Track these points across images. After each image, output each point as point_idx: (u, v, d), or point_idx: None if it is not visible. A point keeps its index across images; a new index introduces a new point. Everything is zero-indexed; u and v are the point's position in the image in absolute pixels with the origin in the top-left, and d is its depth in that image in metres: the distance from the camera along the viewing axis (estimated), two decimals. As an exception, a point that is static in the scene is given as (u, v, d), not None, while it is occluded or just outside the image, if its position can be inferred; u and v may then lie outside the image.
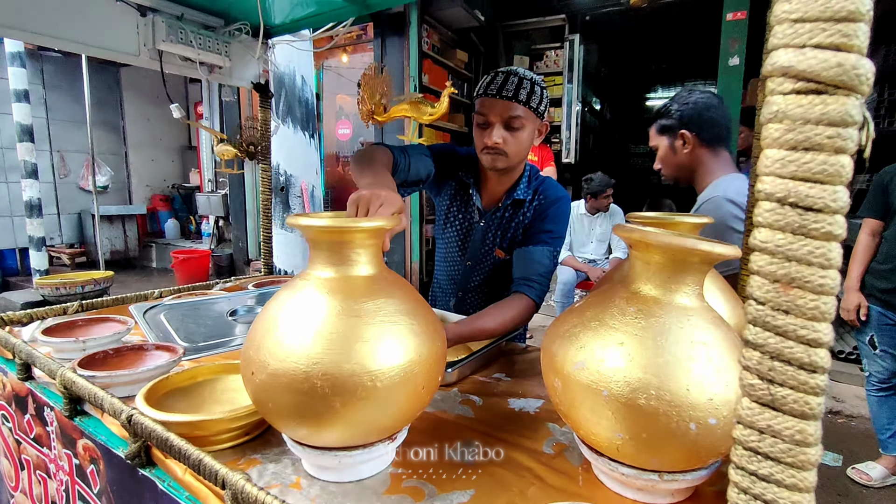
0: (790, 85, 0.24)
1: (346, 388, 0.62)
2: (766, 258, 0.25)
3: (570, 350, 0.69)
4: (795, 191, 0.24)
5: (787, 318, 0.24)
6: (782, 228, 0.24)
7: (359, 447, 0.70)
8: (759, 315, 0.26)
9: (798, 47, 0.23)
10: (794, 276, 0.24)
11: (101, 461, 0.87)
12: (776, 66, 0.24)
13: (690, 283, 0.68)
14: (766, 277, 0.25)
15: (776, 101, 0.24)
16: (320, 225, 0.68)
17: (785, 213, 0.24)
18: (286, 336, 0.65)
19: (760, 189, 0.25)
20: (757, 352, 0.26)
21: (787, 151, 0.24)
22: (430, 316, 0.74)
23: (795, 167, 0.24)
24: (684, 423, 0.60)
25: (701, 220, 0.96)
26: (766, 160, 0.25)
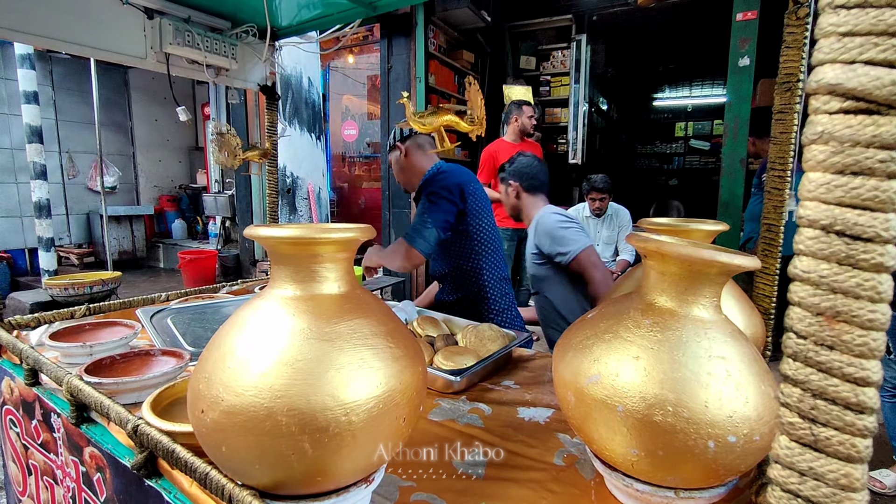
0: (837, 104, 0.22)
1: (316, 424, 0.53)
2: (808, 289, 0.23)
3: (584, 363, 0.67)
4: (842, 218, 0.22)
5: (832, 355, 0.23)
6: (827, 258, 0.23)
7: (330, 493, 0.60)
8: (801, 350, 0.24)
9: (847, 63, 0.22)
10: (840, 310, 0.22)
11: (107, 470, 0.86)
12: (822, 83, 0.22)
13: (707, 295, 0.66)
14: (809, 310, 0.23)
15: (821, 121, 0.23)
16: (283, 236, 0.59)
17: (830, 242, 0.23)
18: (244, 365, 0.55)
19: (803, 215, 0.24)
20: (798, 388, 0.24)
21: (834, 175, 0.22)
22: (409, 338, 0.67)
23: (842, 192, 0.22)
24: (702, 441, 0.58)
25: (717, 226, 0.94)
26: (809, 184, 0.23)
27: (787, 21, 0.92)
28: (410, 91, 4.52)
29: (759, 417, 0.59)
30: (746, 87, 3.07)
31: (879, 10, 0.21)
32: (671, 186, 9.33)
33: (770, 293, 1.02)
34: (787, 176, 0.95)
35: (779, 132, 0.96)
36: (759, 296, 1.04)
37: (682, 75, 9.22)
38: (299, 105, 3.67)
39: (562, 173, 5.96)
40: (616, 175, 3.58)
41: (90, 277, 4.22)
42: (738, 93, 3.08)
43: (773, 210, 0.98)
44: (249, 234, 0.62)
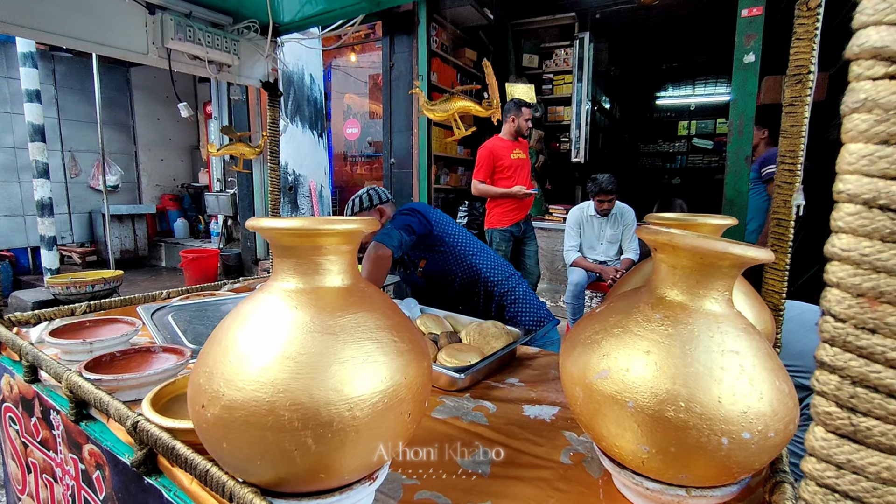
0: (882, 68, 0.20)
1: (319, 419, 0.52)
2: (848, 269, 0.22)
3: (593, 358, 0.65)
4: (887, 191, 0.21)
5: (874, 338, 0.21)
6: (869, 235, 0.21)
7: (333, 491, 0.59)
8: (839, 334, 0.22)
9: (892, 24, 0.20)
10: (884, 290, 0.21)
11: (106, 467, 0.85)
12: (866, 46, 0.21)
13: (719, 289, 0.64)
14: (848, 291, 0.22)
15: (864, 88, 0.21)
16: (286, 227, 0.58)
17: (873, 217, 0.21)
18: (245, 359, 0.54)
19: (842, 189, 0.22)
20: (835, 375, 0.22)
21: (878, 146, 0.21)
22: (415, 332, 0.66)
23: (887, 164, 0.20)
24: (716, 438, 0.56)
25: (725, 221, 0.92)
26: (850, 156, 0.22)
27: (798, 12, 0.91)
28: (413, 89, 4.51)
29: (773, 413, 0.57)
30: (752, 83, 3.05)
31: (930, -36, 0.19)
32: (674, 185, 9.29)
33: (780, 289, 1.00)
34: (798, 170, 0.93)
35: (789, 125, 0.94)
36: (768, 291, 1.02)
37: (686, 74, 9.18)
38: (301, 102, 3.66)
39: (564, 172, 5.95)
40: (619, 174, 3.56)
41: (92, 276, 4.23)
42: (743, 90, 3.06)
43: (782, 204, 0.96)
44: (252, 226, 0.60)
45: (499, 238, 3.62)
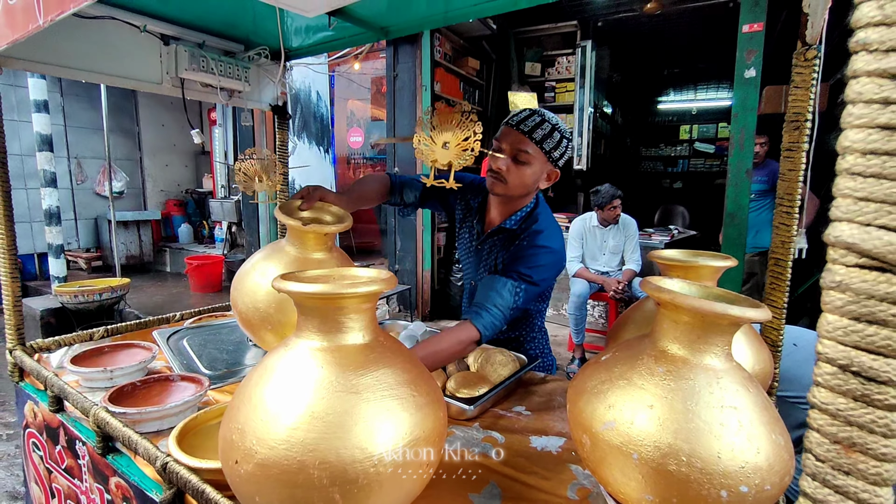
0: (853, 259, 0.24)
1: (346, 476, 0.55)
2: (826, 418, 0.26)
3: (599, 408, 0.69)
4: (858, 360, 0.24)
5: (848, 480, 0.25)
6: (844, 394, 0.25)
7: None
8: (819, 471, 0.26)
9: (862, 225, 0.24)
10: (856, 441, 0.25)
11: (133, 501, 0.89)
12: (840, 239, 0.24)
13: (719, 344, 0.68)
14: (827, 437, 0.26)
15: (839, 272, 0.25)
16: (310, 292, 0.61)
17: (847, 380, 0.25)
18: (276, 418, 0.57)
19: (822, 352, 0.26)
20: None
21: (850, 321, 0.25)
22: (431, 383, 0.70)
23: (858, 338, 0.24)
24: (715, 491, 0.60)
25: (725, 262, 0.96)
26: (828, 325, 0.26)
27: (796, 62, 0.94)
28: (417, 99, 4.54)
29: (770, 467, 0.61)
30: (752, 98, 3.08)
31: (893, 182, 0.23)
32: (676, 189, 9.32)
33: (778, 326, 1.03)
34: (795, 213, 0.97)
35: (787, 169, 0.97)
36: (767, 328, 1.05)
37: (687, 79, 9.21)
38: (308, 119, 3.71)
39: (567, 179, 5.98)
40: (621, 179, 3.60)
41: (100, 284, 4.27)
42: (744, 104, 3.09)
43: (780, 245, 1.00)
44: (279, 288, 0.64)
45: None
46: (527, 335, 1.51)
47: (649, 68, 8.63)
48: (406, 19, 1.54)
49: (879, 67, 0.22)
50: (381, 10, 1.48)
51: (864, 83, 0.23)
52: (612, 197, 3.43)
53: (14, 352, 1.29)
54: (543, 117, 1.27)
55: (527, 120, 1.26)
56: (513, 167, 1.27)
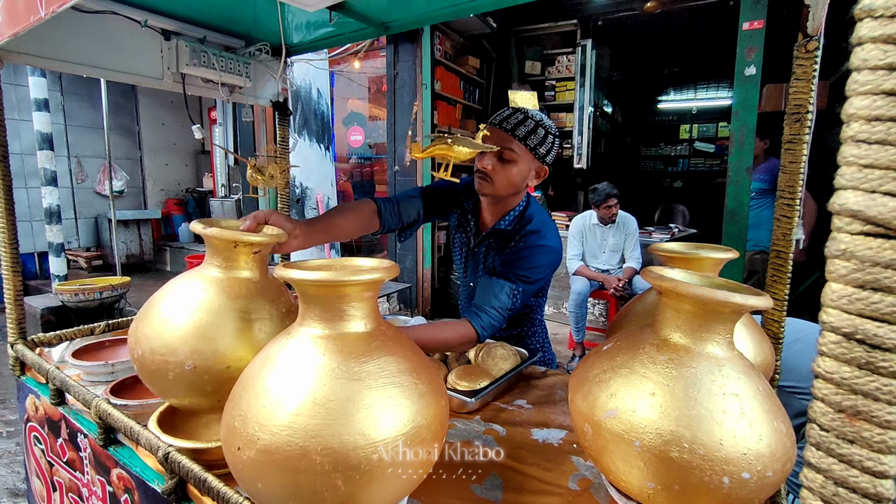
0: (858, 227, 0.24)
1: (348, 462, 0.56)
2: (831, 388, 0.26)
3: (601, 397, 0.69)
4: (863, 328, 0.24)
5: (853, 448, 0.25)
6: (848, 362, 0.25)
7: None
8: (823, 441, 0.26)
9: (867, 192, 0.24)
10: (861, 410, 0.25)
11: (135, 492, 0.89)
12: (844, 207, 0.25)
13: (721, 332, 0.68)
14: (831, 406, 0.26)
15: (843, 240, 0.25)
16: (313, 279, 0.62)
17: (851, 348, 0.25)
18: (278, 405, 0.58)
19: (826, 321, 0.26)
20: (820, 475, 0.26)
21: (855, 289, 0.25)
22: (433, 371, 0.70)
23: (863, 305, 0.24)
24: (717, 477, 0.60)
25: (726, 254, 0.96)
26: (832, 294, 0.26)
27: (797, 54, 0.94)
28: (417, 97, 4.54)
29: (772, 454, 0.61)
30: (753, 95, 3.08)
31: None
32: (676, 188, 9.33)
33: (780, 318, 1.04)
34: (797, 205, 0.97)
35: (788, 161, 0.97)
36: (768, 320, 1.06)
37: (687, 78, 9.22)
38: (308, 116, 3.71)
39: (567, 178, 5.98)
40: (621, 178, 3.60)
41: (100, 283, 4.27)
42: (744, 102, 3.09)
43: (781, 237, 1.00)
44: (280, 276, 0.64)
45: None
46: (528, 330, 1.51)
47: (649, 67, 8.63)
48: (406, 15, 1.54)
49: (885, 33, 0.22)
50: (382, 5, 1.48)
51: (869, 49, 0.23)
52: (608, 196, 3.43)
53: (16, 346, 1.29)
54: (526, 114, 1.27)
55: (510, 118, 1.26)
56: (498, 166, 1.26)
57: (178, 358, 0.76)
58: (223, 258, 0.84)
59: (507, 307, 1.24)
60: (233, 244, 0.82)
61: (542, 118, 1.29)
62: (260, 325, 0.81)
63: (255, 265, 0.86)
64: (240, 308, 0.80)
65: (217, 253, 0.84)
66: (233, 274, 0.84)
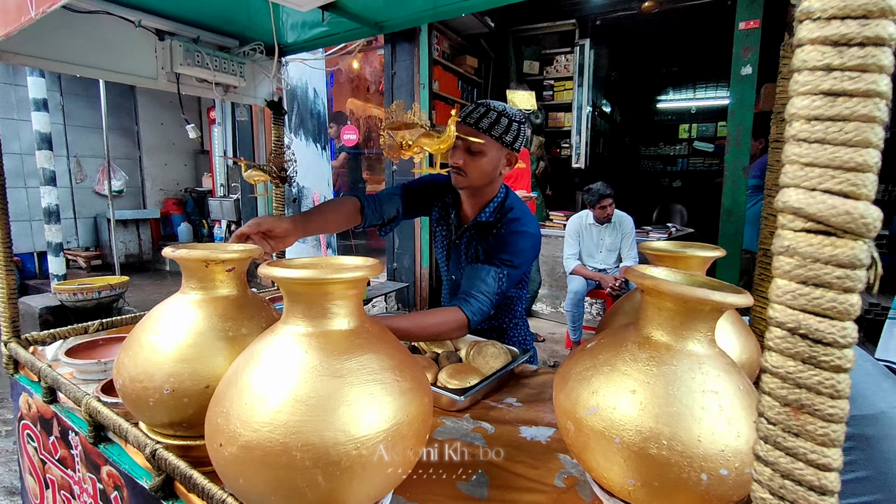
0: (800, 224, 0.25)
1: (329, 458, 0.56)
2: (776, 381, 0.26)
3: (583, 394, 0.70)
4: (805, 323, 0.25)
5: (798, 441, 0.25)
6: (792, 356, 0.25)
7: None
8: (771, 434, 0.27)
9: (808, 189, 0.24)
10: (804, 403, 0.25)
11: (124, 489, 0.89)
12: (787, 204, 0.25)
13: (702, 330, 0.68)
14: (777, 400, 0.26)
15: (787, 237, 0.25)
16: (296, 277, 0.62)
17: (795, 343, 0.25)
18: (259, 401, 0.58)
19: (772, 316, 0.26)
20: (768, 468, 0.27)
21: (798, 285, 0.25)
22: (416, 368, 0.70)
23: (805, 301, 0.25)
24: (696, 474, 0.60)
25: (713, 253, 0.96)
26: (777, 290, 0.26)
27: (783, 52, 0.95)
28: (415, 97, 4.55)
29: (749, 451, 0.61)
30: (749, 95, 3.08)
31: (835, 147, 0.23)
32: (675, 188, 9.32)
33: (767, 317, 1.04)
34: (783, 204, 0.97)
35: (775, 160, 0.98)
36: (756, 318, 1.06)
37: (686, 77, 9.21)
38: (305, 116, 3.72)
39: (565, 177, 5.99)
40: (619, 178, 3.61)
41: (98, 282, 4.28)
42: (741, 101, 3.10)
43: (769, 235, 1.00)
44: (264, 274, 0.65)
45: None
46: (509, 322, 1.54)
47: (648, 67, 8.64)
48: (400, 14, 1.55)
49: (822, 35, 0.23)
50: (375, 4, 1.49)
51: (808, 51, 0.24)
52: (602, 196, 3.43)
53: (9, 344, 1.30)
54: (488, 107, 1.33)
55: (472, 113, 1.33)
56: (469, 159, 1.33)
57: (156, 383, 0.76)
58: (198, 279, 0.84)
59: (494, 291, 1.28)
60: (204, 264, 0.82)
61: (505, 108, 1.34)
62: (240, 342, 0.80)
63: (232, 282, 0.86)
64: (216, 327, 0.80)
65: (191, 275, 0.84)
66: (209, 294, 0.84)
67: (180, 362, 0.77)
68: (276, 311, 0.90)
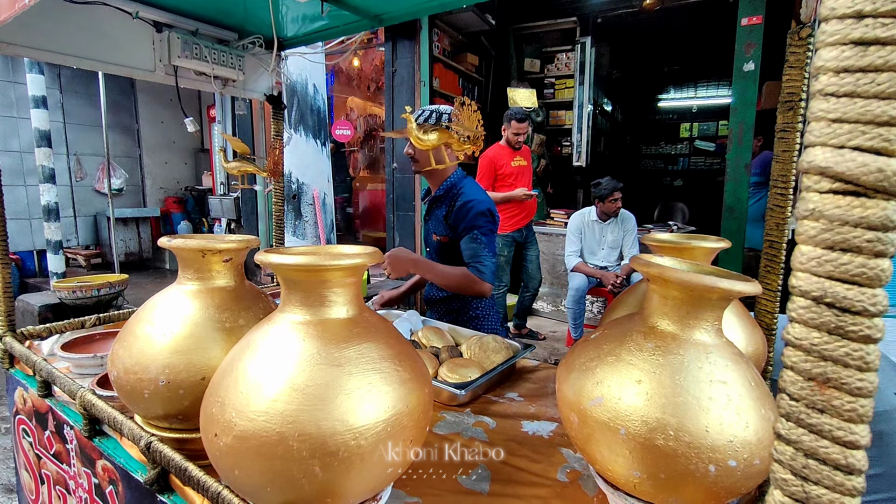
0: (827, 184, 0.23)
1: (326, 449, 0.54)
2: (800, 355, 0.24)
3: (587, 385, 0.68)
4: (832, 291, 0.23)
5: (823, 418, 0.24)
6: (818, 327, 0.24)
7: None
8: (793, 411, 0.25)
9: (836, 147, 0.23)
10: (830, 377, 0.24)
11: (119, 483, 0.88)
12: (813, 164, 0.23)
13: (709, 319, 0.67)
14: (801, 374, 0.25)
15: (812, 199, 0.24)
16: (293, 263, 0.60)
17: (820, 313, 0.24)
18: (255, 390, 0.57)
19: (795, 285, 0.25)
20: (790, 447, 0.25)
21: (824, 251, 0.23)
22: (416, 359, 0.68)
23: (832, 267, 0.23)
24: (703, 465, 0.59)
25: (718, 244, 0.95)
26: (801, 256, 0.25)
27: (790, 41, 0.93)
28: (415, 94, 4.53)
29: (759, 442, 0.60)
30: (751, 91, 3.06)
31: (866, 100, 0.22)
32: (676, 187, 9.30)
33: (772, 309, 1.02)
34: (790, 194, 0.96)
35: (781, 150, 0.96)
36: (761, 311, 1.04)
37: (687, 76, 9.18)
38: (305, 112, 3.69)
39: (566, 175, 5.97)
40: (620, 176, 3.59)
41: (98, 280, 4.27)
42: (743, 98, 3.08)
43: (775, 227, 0.99)
44: (261, 261, 0.63)
45: (501, 243, 3.65)
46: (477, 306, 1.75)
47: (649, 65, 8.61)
48: (399, 6, 1.53)
49: (852, -22, 0.21)
50: (375, -4, 1.47)
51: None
52: (614, 189, 3.41)
53: (4, 338, 1.28)
54: (425, 110, 1.67)
55: (419, 118, 1.64)
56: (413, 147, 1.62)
57: (151, 375, 0.75)
58: (194, 270, 0.83)
59: (484, 244, 1.59)
60: (201, 254, 0.81)
61: (437, 108, 1.65)
62: (237, 333, 0.79)
63: (229, 273, 0.85)
64: (213, 318, 0.79)
65: (188, 265, 0.83)
66: (206, 284, 0.83)
67: (176, 353, 0.76)
68: (275, 304, 0.88)
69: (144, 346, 0.77)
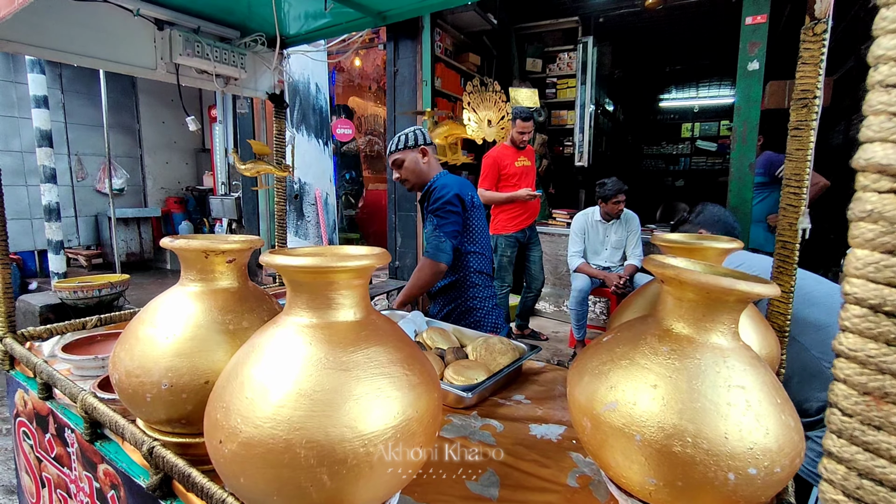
0: (888, 183, 0.21)
1: (334, 456, 0.53)
2: (854, 367, 0.23)
3: (600, 389, 0.67)
4: (892, 299, 0.22)
5: (879, 435, 0.22)
6: (875, 338, 0.22)
7: None
8: (846, 428, 0.23)
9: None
10: (889, 391, 0.22)
11: (121, 488, 0.86)
12: (871, 161, 0.22)
13: (726, 322, 0.65)
14: (855, 388, 0.23)
15: (870, 200, 0.22)
16: (299, 265, 0.59)
17: (879, 322, 0.22)
18: (261, 396, 0.55)
19: (849, 292, 0.23)
20: (843, 466, 0.23)
21: (883, 255, 0.22)
22: (425, 362, 0.67)
23: (892, 273, 0.22)
24: (722, 473, 0.57)
25: (730, 244, 0.93)
26: (857, 261, 0.23)
27: (804, 37, 0.91)
28: (417, 94, 4.52)
29: (779, 449, 0.58)
30: (756, 91, 3.04)
31: (932, 90, 0.20)
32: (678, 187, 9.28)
33: (785, 311, 1.01)
34: (803, 193, 0.94)
35: (795, 149, 0.94)
36: (773, 313, 1.03)
37: (689, 76, 9.17)
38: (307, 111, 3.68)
39: (568, 175, 5.95)
40: (622, 176, 3.57)
41: (99, 280, 4.26)
42: (747, 97, 3.06)
43: (787, 227, 0.97)
44: (266, 262, 0.61)
45: (504, 244, 3.63)
46: (465, 278, 1.88)
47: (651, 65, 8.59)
48: (402, 3, 1.51)
49: (919, -42, 0.20)
50: (379, -7, 1.45)
51: (901, -21, 0.20)
52: (618, 191, 3.39)
53: (4, 339, 1.27)
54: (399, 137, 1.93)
55: (390, 145, 1.96)
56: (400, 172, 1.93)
57: (153, 378, 0.73)
58: (197, 271, 0.81)
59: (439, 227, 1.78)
60: (203, 254, 0.79)
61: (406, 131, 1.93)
62: (241, 335, 0.77)
63: (233, 274, 0.84)
64: (216, 320, 0.77)
65: (190, 266, 0.81)
66: (209, 286, 0.81)
67: (179, 356, 0.74)
68: (279, 305, 0.87)
69: (146, 348, 0.75)
